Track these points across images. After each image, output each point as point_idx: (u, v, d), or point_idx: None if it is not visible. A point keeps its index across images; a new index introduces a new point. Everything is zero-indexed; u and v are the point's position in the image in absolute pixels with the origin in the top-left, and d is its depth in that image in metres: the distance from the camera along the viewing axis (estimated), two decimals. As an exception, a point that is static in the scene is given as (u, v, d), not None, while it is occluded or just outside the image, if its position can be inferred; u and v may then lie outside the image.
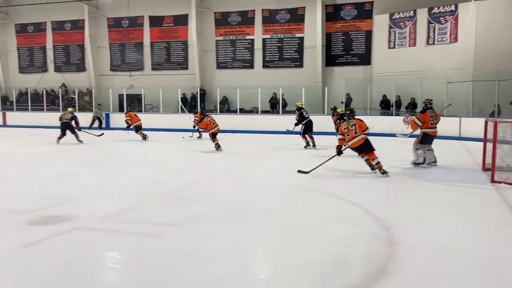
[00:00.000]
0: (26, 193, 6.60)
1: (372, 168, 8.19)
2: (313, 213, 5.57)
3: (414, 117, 9.43)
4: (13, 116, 22.68)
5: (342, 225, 4.98)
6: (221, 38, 21.72)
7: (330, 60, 20.39)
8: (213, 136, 12.17)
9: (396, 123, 15.75)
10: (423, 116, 9.05)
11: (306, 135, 12.65)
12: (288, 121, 18.60)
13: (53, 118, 19.67)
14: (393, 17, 18.41)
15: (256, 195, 6.58)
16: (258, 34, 21.16)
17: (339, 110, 12.32)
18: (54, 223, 4.93)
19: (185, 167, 9.48)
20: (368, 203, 5.96)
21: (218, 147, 11.98)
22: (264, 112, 19.68)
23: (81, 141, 13.81)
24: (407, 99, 17.62)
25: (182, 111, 18.84)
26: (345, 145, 8.32)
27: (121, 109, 21.53)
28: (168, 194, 6.55)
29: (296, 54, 20.76)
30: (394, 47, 18.51)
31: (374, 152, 8.09)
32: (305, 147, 12.65)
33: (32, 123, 20.83)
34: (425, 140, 9.01)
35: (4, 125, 22.58)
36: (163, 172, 8.64)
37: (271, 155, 11.43)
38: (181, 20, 22.01)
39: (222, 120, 19.19)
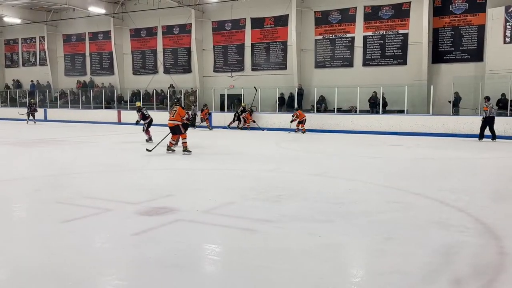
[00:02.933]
0: (138, 185, 7.18)
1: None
2: (413, 218, 5.32)
3: None
4: (127, 114, 24.74)
5: (445, 232, 4.69)
6: (320, 37, 21.58)
7: (437, 56, 19.24)
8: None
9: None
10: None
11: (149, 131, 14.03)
12: (389, 120, 18.02)
13: (163, 116, 21.13)
14: (510, 10, 16.86)
15: (354, 196, 6.46)
16: (359, 31, 20.65)
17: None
18: (161, 214, 5.31)
19: (284, 165, 9.60)
20: (474, 209, 5.56)
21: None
22: (363, 111, 19.19)
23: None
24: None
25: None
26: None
27: (222, 109, 22.43)
28: (267, 191, 6.67)
29: (399, 51, 19.91)
30: (510, 42, 16.98)
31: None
32: (147, 140, 13.74)
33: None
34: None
35: (119, 122, 24.74)
36: (263, 170, 8.84)
37: (368, 156, 11.12)
38: (281, 20, 22.27)
39: (319, 119, 19.28)
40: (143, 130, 14.22)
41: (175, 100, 13.29)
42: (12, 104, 29.81)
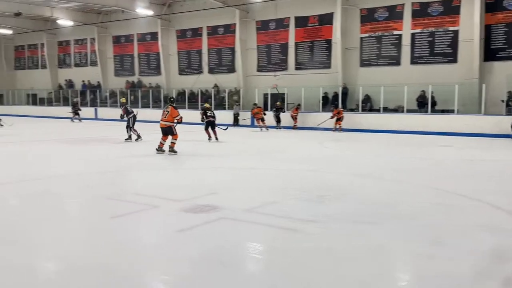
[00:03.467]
0: (182, 184, 7.33)
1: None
2: (463, 221, 5.13)
3: None
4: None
5: (495, 237, 4.50)
6: (366, 35, 21.16)
7: (490, 54, 18.40)
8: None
9: None
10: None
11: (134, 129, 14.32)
12: (438, 120, 17.45)
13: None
14: None
15: (399, 198, 6.31)
16: (406, 29, 20.09)
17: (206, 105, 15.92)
18: (205, 212, 5.39)
19: (328, 165, 9.51)
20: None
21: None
22: (410, 111, 18.66)
23: None
24: None
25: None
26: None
27: (265, 108, 22.45)
28: (310, 191, 6.63)
29: (449, 48, 19.21)
30: None
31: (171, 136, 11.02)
32: (136, 140, 14.18)
33: (189, 120, 22.88)
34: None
35: (166, 121, 25.28)
36: (307, 170, 8.79)
37: (416, 157, 10.81)
38: (326, 19, 22.02)
39: (364, 119, 18.95)
40: (127, 127, 14.31)
41: (170, 99, 12.77)
42: (65, 103, 31.14)
